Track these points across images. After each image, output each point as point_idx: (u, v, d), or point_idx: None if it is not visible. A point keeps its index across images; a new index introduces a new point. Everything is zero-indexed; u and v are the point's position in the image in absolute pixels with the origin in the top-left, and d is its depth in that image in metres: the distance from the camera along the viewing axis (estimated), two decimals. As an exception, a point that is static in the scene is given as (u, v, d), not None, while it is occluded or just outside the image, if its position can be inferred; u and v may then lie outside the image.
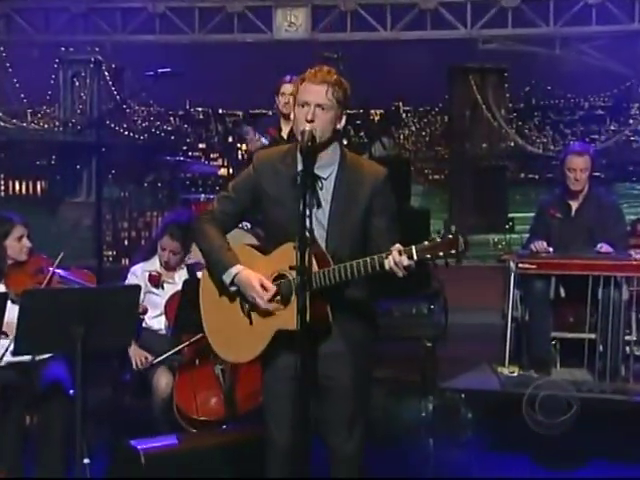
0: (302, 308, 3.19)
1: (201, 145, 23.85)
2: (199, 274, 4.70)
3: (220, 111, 24.23)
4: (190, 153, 22.34)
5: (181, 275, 5.31)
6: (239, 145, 7.29)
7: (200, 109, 24.38)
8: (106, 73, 19.46)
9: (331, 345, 3.45)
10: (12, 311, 4.13)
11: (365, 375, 3.57)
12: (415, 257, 3.20)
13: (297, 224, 3.23)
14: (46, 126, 20.46)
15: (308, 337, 3.23)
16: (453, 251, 3.17)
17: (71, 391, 4.47)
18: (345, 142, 6.02)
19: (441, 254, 3.18)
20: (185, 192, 10.37)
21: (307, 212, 3.28)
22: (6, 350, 4.45)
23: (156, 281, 5.27)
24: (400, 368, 6.96)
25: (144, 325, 5.22)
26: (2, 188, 21.22)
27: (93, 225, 14.97)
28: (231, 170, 8.92)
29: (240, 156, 7.48)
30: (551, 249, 6.13)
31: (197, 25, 16.67)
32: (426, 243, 3.20)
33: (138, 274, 5.30)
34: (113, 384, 5.34)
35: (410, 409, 6.40)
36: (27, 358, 4.61)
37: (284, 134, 6.46)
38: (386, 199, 3.49)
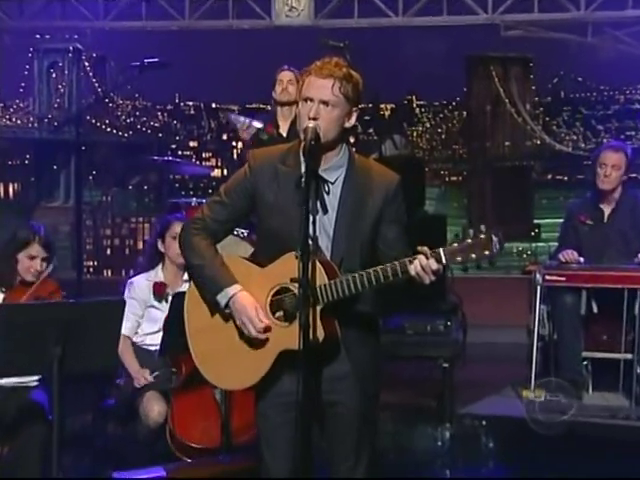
0: (305, 325, 3.19)
1: (192, 143, 23.94)
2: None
3: (213, 105, 24.30)
4: (180, 152, 22.39)
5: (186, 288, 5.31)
6: (234, 143, 7.31)
7: (191, 103, 24.46)
8: (86, 63, 19.52)
9: (336, 366, 3.45)
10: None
11: (373, 398, 3.57)
12: (444, 261, 3.21)
13: (299, 231, 3.22)
14: (19, 122, 20.52)
15: (312, 358, 3.22)
16: (487, 252, 3.18)
17: (51, 417, 4.47)
18: (352, 140, 6.03)
19: (473, 257, 3.19)
20: (174, 196, 10.38)
21: (311, 218, 3.27)
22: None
23: (162, 292, 5.28)
24: (413, 392, 6.95)
25: (136, 340, 5.23)
26: (-29, 191, 21.29)
27: (72, 232, 14.95)
28: (225, 171, 8.95)
29: (235, 155, 7.49)
30: (582, 259, 6.14)
31: (187, 10, 16.69)
32: (455, 245, 3.21)
33: (142, 284, 5.31)
34: (94, 409, 5.34)
35: (425, 437, 6.39)
36: (4, 382, 4.63)
37: (282, 131, 6.46)
38: (398, 208, 3.50)
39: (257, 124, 6.48)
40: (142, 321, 5.28)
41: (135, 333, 5.28)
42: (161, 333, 5.13)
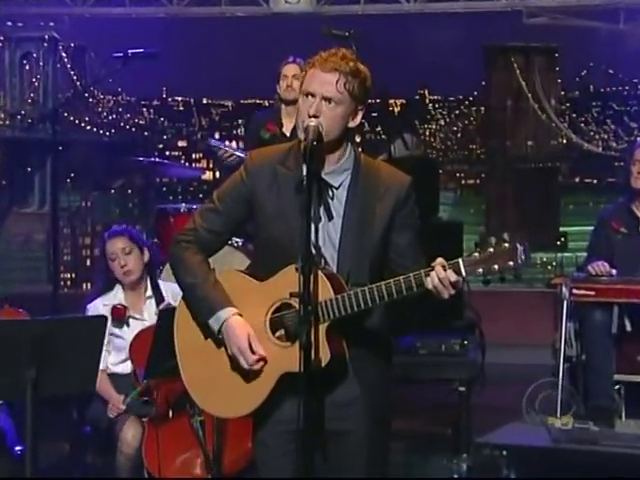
0: (306, 345, 3.18)
1: (181, 143, 23.91)
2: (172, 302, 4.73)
3: (204, 101, 24.31)
4: (167, 153, 22.39)
5: (149, 308, 5.33)
6: (227, 143, 7.32)
7: (179, 99, 24.44)
8: (64, 54, 19.51)
9: (343, 390, 3.46)
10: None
11: (384, 426, 3.59)
12: (464, 272, 3.22)
13: (301, 240, 3.21)
14: (-11, 119, 20.53)
15: (317, 381, 3.22)
16: (511, 263, 3.19)
17: (17, 447, 4.46)
18: (358, 139, 6.05)
19: (496, 268, 3.20)
20: (161, 201, 10.39)
21: (314, 226, 3.26)
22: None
23: (121, 315, 5.27)
24: (427, 418, 6.95)
25: (106, 369, 5.22)
26: None
27: (47, 241, 15.01)
28: (217, 174, 8.97)
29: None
30: (614, 271, 6.14)
31: (176, -5, 16.72)
32: (476, 255, 3.22)
33: (100, 309, 5.30)
34: (71, 438, 5.34)
35: (439, 469, 6.39)
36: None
37: (286, 130, 6.50)
38: (409, 212, 3.51)
39: (240, 154, 6.49)
40: (110, 350, 5.27)
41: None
42: (129, 361, 5.14)
